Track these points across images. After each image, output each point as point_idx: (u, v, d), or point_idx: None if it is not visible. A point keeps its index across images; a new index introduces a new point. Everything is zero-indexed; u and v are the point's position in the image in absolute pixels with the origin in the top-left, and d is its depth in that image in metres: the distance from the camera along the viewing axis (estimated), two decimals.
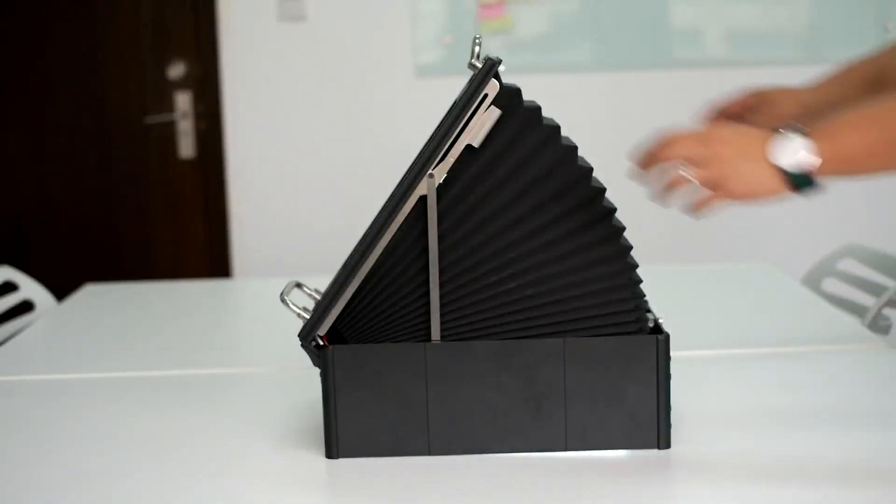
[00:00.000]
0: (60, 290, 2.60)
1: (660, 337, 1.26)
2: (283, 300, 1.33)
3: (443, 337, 1.27)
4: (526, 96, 1.33)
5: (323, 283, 2.05)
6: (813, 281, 2.30)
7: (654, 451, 1.27)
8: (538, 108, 1.26)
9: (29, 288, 2.33)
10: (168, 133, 3.71)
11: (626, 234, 1.29)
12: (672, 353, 1.28)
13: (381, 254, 1.27)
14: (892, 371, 1.57)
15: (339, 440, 1.28)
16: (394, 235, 1.27)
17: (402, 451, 1.28)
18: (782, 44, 3.60)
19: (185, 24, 3.66)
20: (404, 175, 1.29)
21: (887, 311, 2.03)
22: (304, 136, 3.69)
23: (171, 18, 3.66)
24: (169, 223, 3.76)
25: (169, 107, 3.69)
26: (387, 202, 1.28)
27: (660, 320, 1.30)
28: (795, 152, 1.13)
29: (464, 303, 1.27)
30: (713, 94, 3.65)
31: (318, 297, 1.38)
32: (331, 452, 1.28)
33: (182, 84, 3.69)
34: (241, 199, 3.72)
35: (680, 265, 2.81)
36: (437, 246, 1.25)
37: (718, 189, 1.16)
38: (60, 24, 3.66)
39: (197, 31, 3.65)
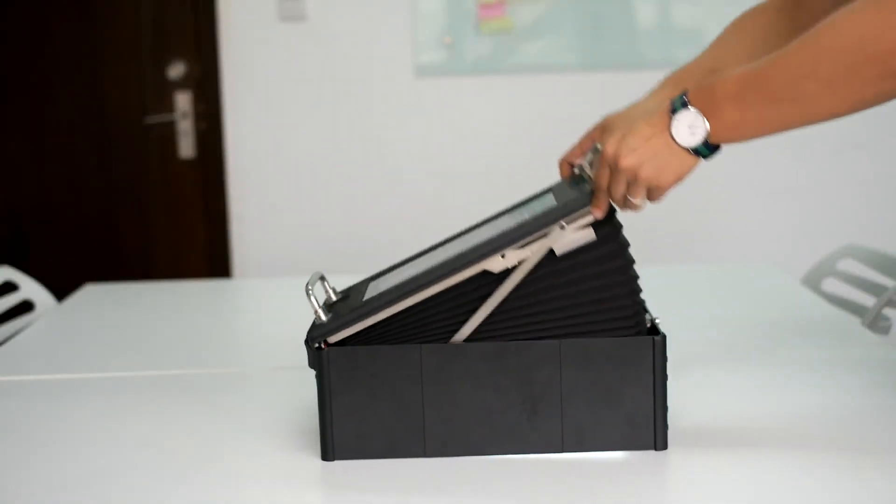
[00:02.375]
0: (60, 290, 2.60)
1: (656, 338, 1.26)
2: (307, 292, 1.31)
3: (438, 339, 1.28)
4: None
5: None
6: (813, 281, 2.30)
7: (651, 453, 1.27)
8: (627, 245, 1.26)
9: (29, 288, 2.33)
10: (168, 133, 3.71)
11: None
12: (670, 354, 1.28)
13: (423, 301, 1.27)
14: (892, 371, 1.57)
15: (334, 442, 1.28)
16: (442, 291, 1.27)
17: (398, 454, 1.28)
18: None
19: (185, 24, 3.66)
20: (476, 245, 1.27)
21: (887, 311, 2.03)
22: (304, 136, 3.69)
23: (171, 18, 3.66)
24: (169, 223, 3.76)
25: (169, 107, 3.70)
26: (449, 260, 1.27)
27: (656, 320, 1.30)
28: (692, 133, 1.19)
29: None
30: None
31: (335, 297, 1.37)
32: (327, 455, 1.28)
33: (182, 84, 3.69)
34: (241, 199, 3.72)
35: (680, 265, 2.82)
36: (484, 316, 1.26)
37: (655, 190, 1.22)
38: (60, 24, 3.66)
39: (197, 31, 3.65)
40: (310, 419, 1.41)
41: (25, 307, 2.33)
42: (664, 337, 1.26)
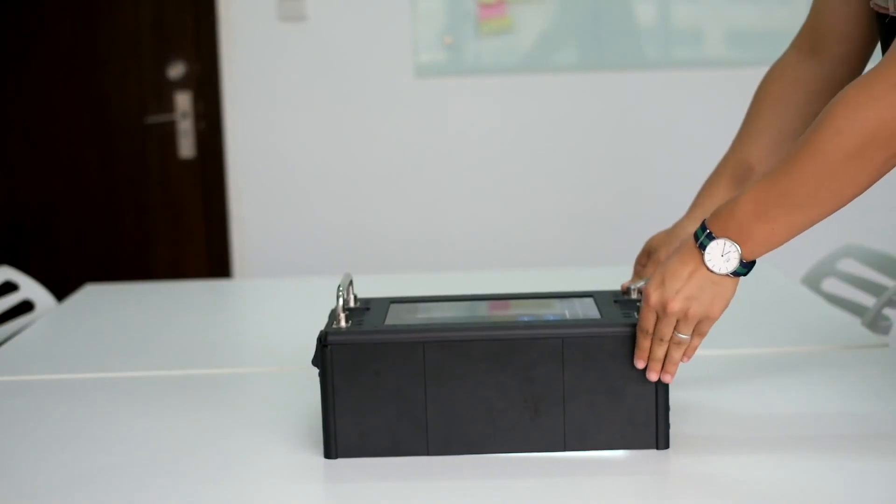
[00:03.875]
0: (60, 290, 2.60)
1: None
2: (338, 294, 1.31)
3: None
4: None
5: (323, 282, 2.05)
6: (813, 281, 2.30)
7: (653, 451, 1.27)
8: None
9: (29, 288, 2.33)
10: (168, 133, 3.71)
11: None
12: None
13: (450, 337, 1.28)
14: (892, 371, 1.57)
15: (337, 440, 1.28)
16: (471, 338, 1.27)
17: (400, 452, 1.28)
18: (782, 44, 3.59)
19: (185, 24, 3.66)
20: (510, 322, 1.29)
21: (887, 311, 2.03)
22: (303, 135, 3.69)
23: (171, 18, 3.66)
24: (169, 223, 3.76)
25: (169, 107, 3.70)
26: (479, 325, 1.28)
27: None
28: (727, 260, 1.22)
29: None
30: (713, 94, 3.66)
31: (355, 303, 1.37)
32: (329, 452, 1.28)
33: (182, 84, 3.69)
34: (241, 199, 3.72)
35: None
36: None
37: (705, 321, 1.24)
38: (60, 24, 3.66)
39: (197, 31, 3.65)
40: (311, 418, 1.41)
41: (25, 307, 2.33)
42: None
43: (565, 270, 2.58)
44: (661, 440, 1.27)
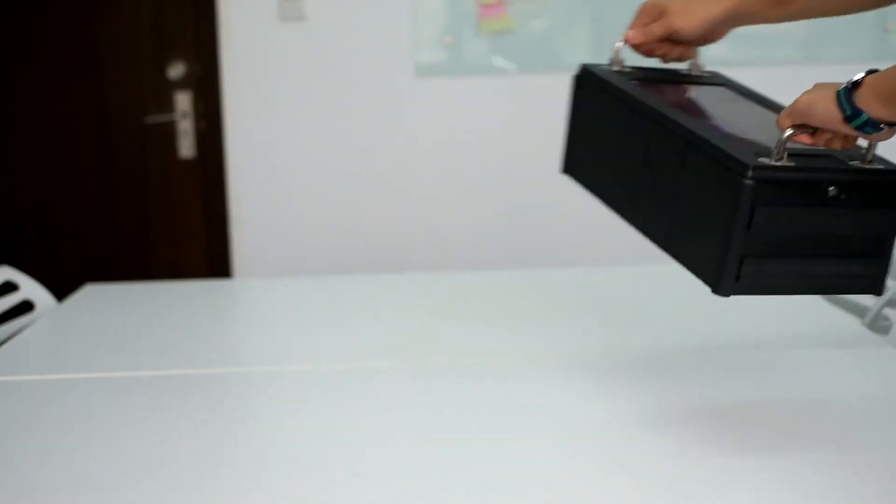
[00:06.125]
0: (60, 290, 2.60)
1: (746, 182, 1.20)
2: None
3: None
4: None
5: (322, 282, 2.04)
6: None
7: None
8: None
9: (29, 288, 2.33)
10: (168, 133, 3.71)
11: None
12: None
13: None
14: (892, 371, 1.57)
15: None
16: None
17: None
18: (782, 44, 3.60)
19: (185, 24, 3.66)
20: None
21: (887, 311, 2.03)
22: (303, 135, 3.69)
23: (171, 18, 3.66)
24: (169, 223, 3.76)
25: (169, 107, 3.70)
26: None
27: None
28: (850, 79, 1.18)
29: None
30: None
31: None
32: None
33: (182, 84, 3.69)
34: (241, 199, 3.72)
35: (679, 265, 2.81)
36: None
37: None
38: (60, 24, 3.66)
39: (197, 31, 3.65)
40: (310, 418, 1.41)
41: (25, 307, 2.33)
42: (751, 186, 1.20)
43: (565, 270, 2.57)
44: (722, 285, 1.27)
